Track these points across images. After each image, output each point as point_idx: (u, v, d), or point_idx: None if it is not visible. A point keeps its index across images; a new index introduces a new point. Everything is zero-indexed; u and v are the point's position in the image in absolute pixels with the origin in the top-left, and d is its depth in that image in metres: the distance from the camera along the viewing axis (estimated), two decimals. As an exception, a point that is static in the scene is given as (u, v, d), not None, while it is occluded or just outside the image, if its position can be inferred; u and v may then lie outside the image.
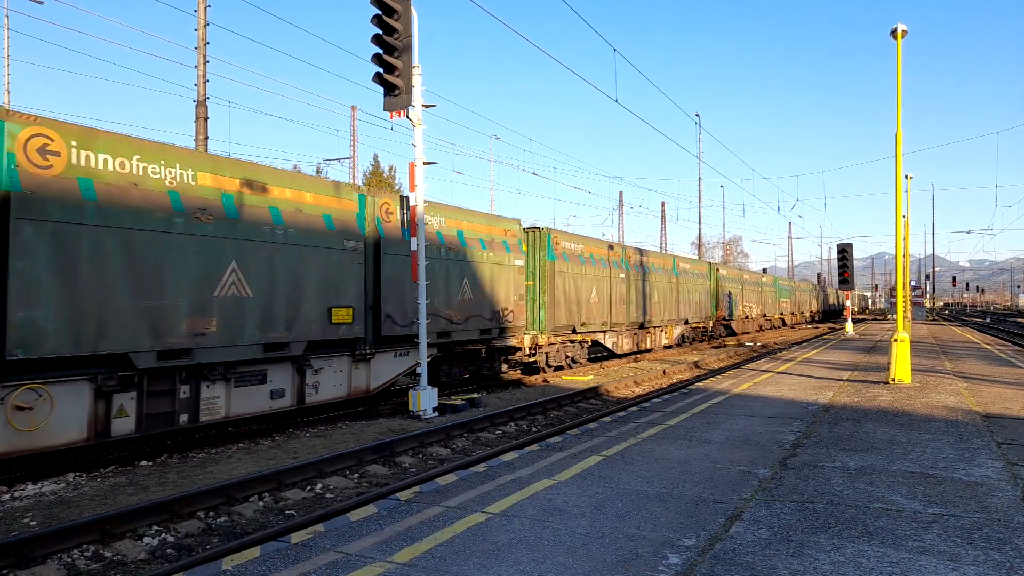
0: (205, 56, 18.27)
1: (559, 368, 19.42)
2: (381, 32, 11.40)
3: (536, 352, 18.20)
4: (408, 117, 11.86)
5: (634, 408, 10.37)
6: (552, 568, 4.07)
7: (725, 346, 31.75)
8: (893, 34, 12.57)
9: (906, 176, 28.89)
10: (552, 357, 18.99)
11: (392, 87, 11.50)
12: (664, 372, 20.04)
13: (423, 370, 12.16)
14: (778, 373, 14.97)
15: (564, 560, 4.18)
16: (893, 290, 63.88)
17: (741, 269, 48.74)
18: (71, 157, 8.17)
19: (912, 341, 15.28)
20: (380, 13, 11.29)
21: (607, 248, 22.57)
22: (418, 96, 12.02)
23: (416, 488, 5.92)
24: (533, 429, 11.87)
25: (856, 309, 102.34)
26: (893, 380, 12.47)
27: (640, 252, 25.52)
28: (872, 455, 6.88)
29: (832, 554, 4.23)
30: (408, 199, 12.27)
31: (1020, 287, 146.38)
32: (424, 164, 12.29)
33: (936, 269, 77.55)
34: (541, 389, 16.52)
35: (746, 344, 32.51)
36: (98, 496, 7.58)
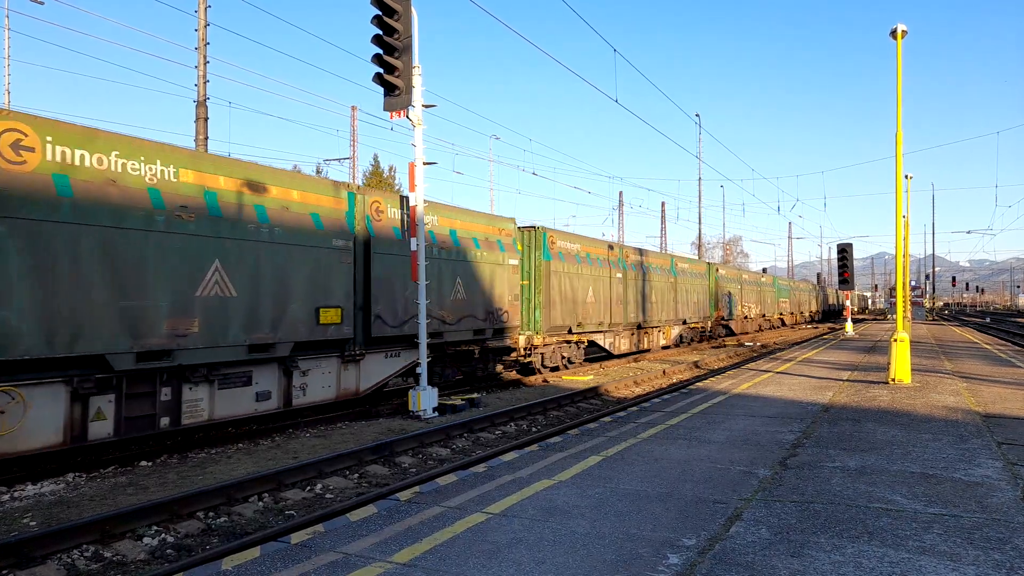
0: (205, 56, 18.28)
1: (555, 369, 19.26)
2: (381, 32, 11.40)
3: (532, 353, 18.02)
4: (408, 117, 11.87)
5: (634, 408, 10.37)
6: (552, 568, 4.07)
7: (725, 346, 31.75)
8: (893, 34, 12.58)
9: (906, 176, 28.90)
10: (548, 358, 18.78)
11: (392, 87, 11.50)
12: (664, 372, 20.04)
13: (423, 370, 12.16)
14: (778, 373, 14.97)
15: (564, 560, 4.19)
16: (893, 290, 63.89)
17: (740, 269, 48.72)
18: (46, 153, 7.91)
19: (912, 341, 15.28)
20: (380, 13, 11.29)
21: (604, 248, 22.38)
22: (418, 96, 12.02)
23: (416, 488, 5.92)
24: (533, 429, 11.87)
25: (856, 309, 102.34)
26: (893, 380, 12.47)
27: (637, 252, 25.33)
28: (872, 455, 6.88)
29: (832, 554, 4.23)
30: (408, 199, 12.28)
31: (1020, 287, 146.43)
32: (424, 164, 12.30)
33: (936, 269, 77.56)
34: (541, 389, 16.52)
35: (746, 344, 32.51)
36: (98, 496, 7.58)
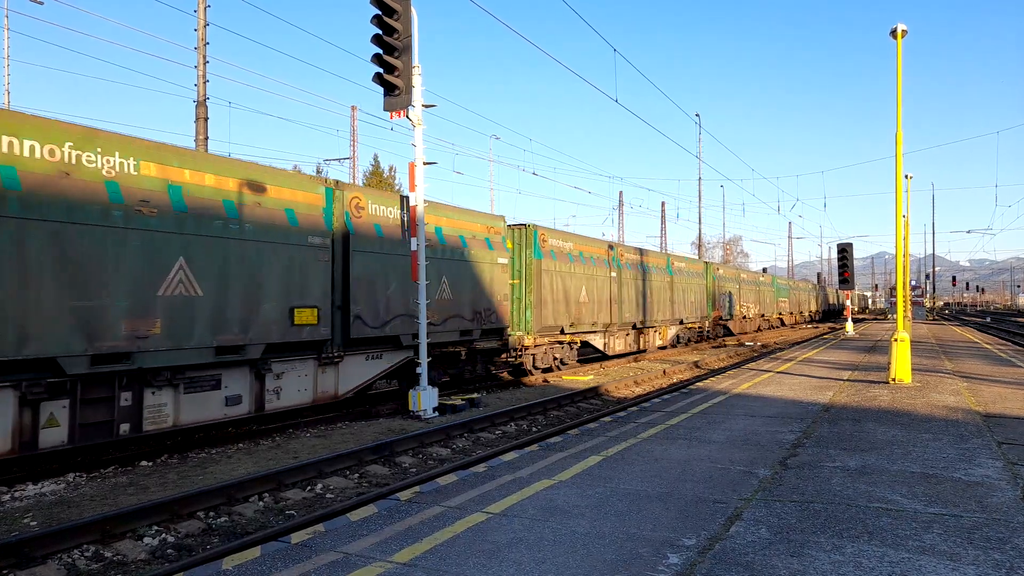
0: (205, 56, 18.28)
1: (547, 370, 18.90)
2: (381, 32, 11.40)
3: (523, 354, 17.72)
4: (408, 117, 11.87)
5: (634, 408, 10.38)
6: (552, 568, 4.07)
7: (725, 346, 31.75)
8: (893, 34, 12.58)
9: (906, 176, 28.90)
10: (539, 359, 18.39)
11: (392, 87, 11.51)
12: (664, 372, 20.05)
13: (423, 370, 12.17)
14: (778, 373, 14.97)
15: (564, 560, 4.19)
16: (893, 290, 63.89)
17: (739, 268, 48.70)
18: None
19: (912, 341, 15.28)
20: (380, 13, 11.29)
21: (598, 246, 22.04)
22: (418, 96, 12.03)
23: (416, 488, 5.92)
24: (533, 429, 11.87)
25: (856, 309, 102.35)
26: (893, 380, 12.47)
27: (633, 251, 25.04)
28: (872, 455, 6.88)
29: (832, 554, 4.23)
30: (408, 199, 12.28)
31: (1020, 287, 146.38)
32: (424, 164, 12.30)
33: (936, 269, 77.57)
34: (541, 389, 16.52)
35: (746, 344, 32.51)
36: (98, 496, 7.58)
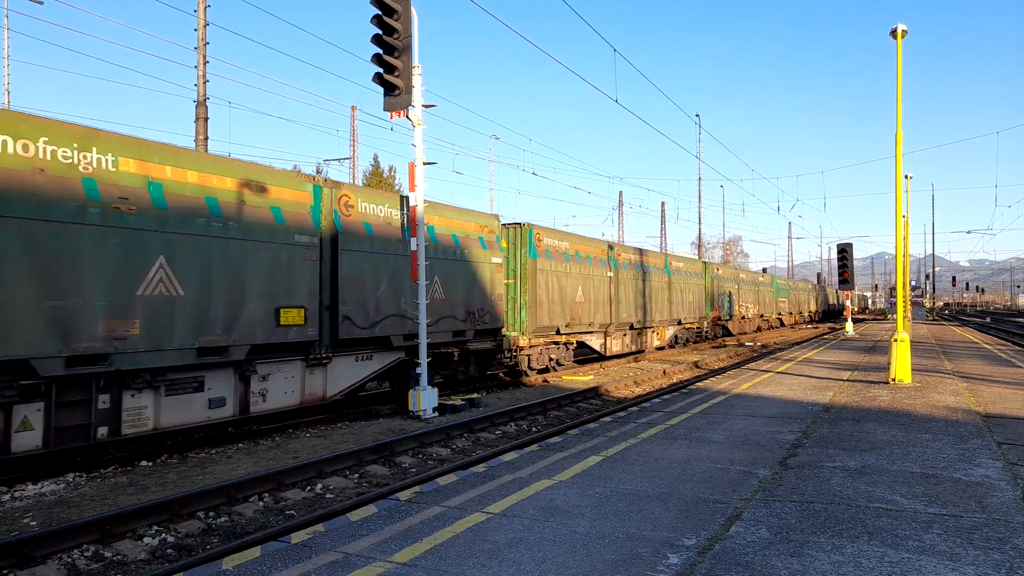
0: (205, 56, 18.28)
1: (543, 371, 18.67)
2: (381, 32, 11.41)
3: (518, 354, 17.36)
4: (408, 117, 11.87)
5: (634, 408, 10.38)
6: (552, 568, 4.07)
7: (725, 346, 31.76)
8: (893, 34, 12.58)
9: (906, 176, 28.90)
10: (535, 359, 18.12)
11: (392, 87, 11.51)
12: (664, 372, 20.05)
13: (423, 370, 12.18)
14: (778, 373, 14.97)
15: (564, 560, 4.19)
16: (893, 290, 63.89)
17: (738, 268, 48.69)
18: None
19: (912, 341, 15.29)
20: (380, 13, 11.30)
21: (594, 245, 21.80)
22: (418, 96, 12.03)
23: (416, 488, 5.92)
24: (533, 429, 11.87)
25: (856, 309, 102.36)
26: (893, 380, 12.47)
27: (630, 250, 24.82)
28: (872, 455, 6.88)
29: (832, 554, 4.23)
30: (408, 199, 12.29)
31: (1020, 287, 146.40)
32: (424, 164, 12.31)
33: (936, 269, 77.57)
34: (541, 389, 16.52)
35: (746, 344, 32.52)
36: (98, 496, 7.58)
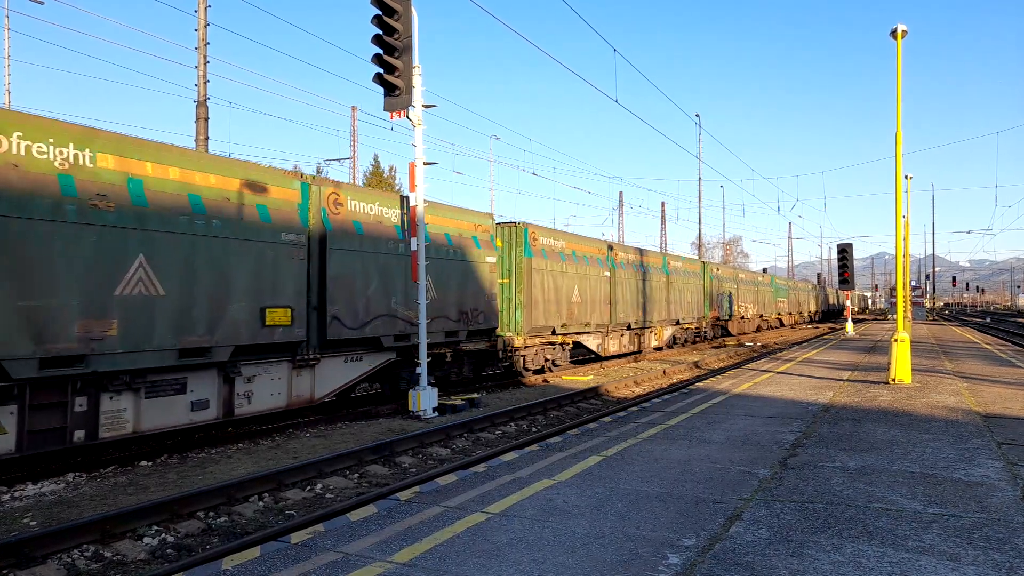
0: (205, 56, 18.28)
1: (539, 371, 18.48)
2: (381, 32, 11.41)
3: (513, 355, 17.13)
4: (408, 117, 11.87)
5: (634, 408, 10.37)
6: (552, 568, 4.07)
7: (725, 346, 31.76)
8: (893, 34, 12.58)
9: (906, 176, 28.90)
10: (530, 360, 17.91)
11: (392, 87, 11.51)
12: (664, 372, 20.05)
13: (423, 370, 12.17)
14: (778, 373, 14.97)
15: (564, 560, 4.19)
16: (893, 290, 63.89)
17: (736, 268, 48.65)
18: None
19: (912, 341, 15.29)
20: (380, 13, 11.30)
21: (591, 245, 21.58)
22: (418, 96, 12.03)
23: (416, 488, 5.92)
24: (533, 429, 11.87)
25: (856, 309, 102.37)
26: (893, 380, 12.47)
27: (627, 250, 24.60)
28: (872, 455, 6.88)
29: (832, 554, 4.23)
30: (408, 199, 12.29)
31: (1020, 287, 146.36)
32: (424, 164, 12.31)
33: (936, 269, 77.56)
34: (541, 389, 16.52)
35: (746, 344, 32.52)
36: (98, 496, 7.58)
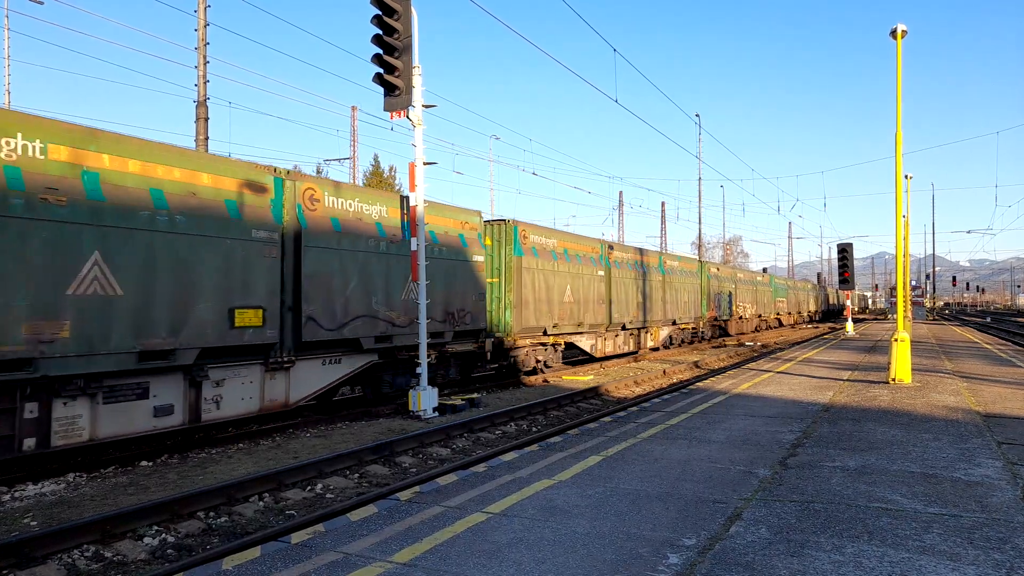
0: (205, 56, 18.28)
1: (530, 373, 18.17)
2: (381, 32, 11.41)
3: (502, 356, 16.87)
4: (408, 117, 11.87)
5: (634, 408, 10.38)
6: (552, 568, 4.07)
7: (725, 346, 31.76)
8: (893, 34, 12.58)
9: (906, 176, 28.89)
10: (520, 361, 17.57)
11: (392, 87, 11.51)
12: (664, 372, 20.06)
13: (423, 370, 12.17)
14: (778, 373, 14.97)
15: (564, 560, 4.19)
16: (893, 290, 63.89)
17: (736, 268, 48.62)
18: None
19: (912, 341, 15.28)
20: (380, 13, 11.30)
21: (584, 243, 21.26)
22: (418, 96, 12.03)
23: (416, 488, 5.93)
24: (533, 429, 11.87)
25: (856, 309, 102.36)
26: (893, 380, 12.47)
27: (622, 248, 24.24)
28: (872, 455, 6.88)
29: (832, 554, 4.23)
30: (408, 199, 12.29)
31: (1020, 287, 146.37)
32: (424, 164, 12.31)
33: (936, 269, 77.58)
34: (541, 389, 16.52)
35: (746, 344, 32.51)
36: (98, 496, 7.58)
